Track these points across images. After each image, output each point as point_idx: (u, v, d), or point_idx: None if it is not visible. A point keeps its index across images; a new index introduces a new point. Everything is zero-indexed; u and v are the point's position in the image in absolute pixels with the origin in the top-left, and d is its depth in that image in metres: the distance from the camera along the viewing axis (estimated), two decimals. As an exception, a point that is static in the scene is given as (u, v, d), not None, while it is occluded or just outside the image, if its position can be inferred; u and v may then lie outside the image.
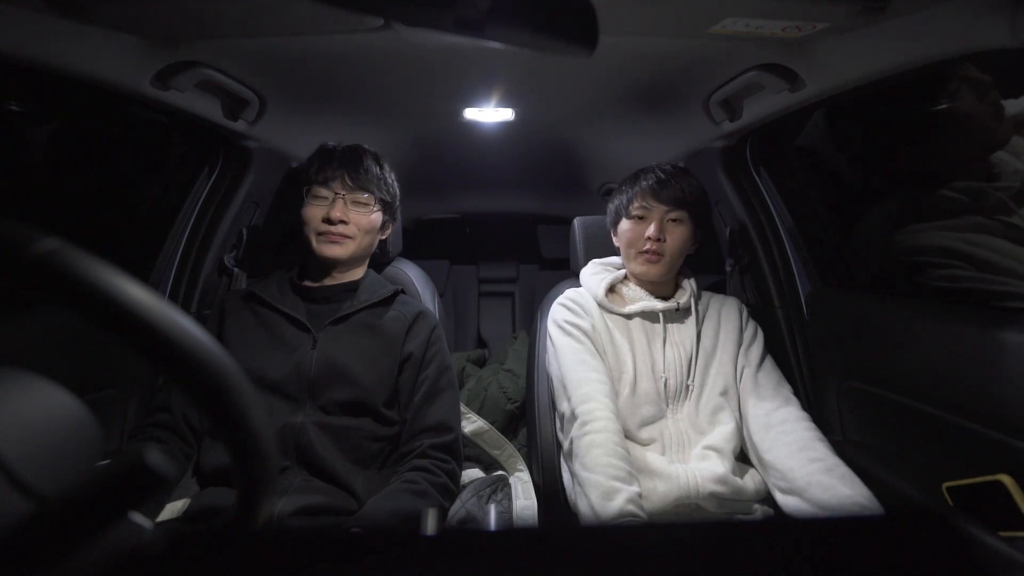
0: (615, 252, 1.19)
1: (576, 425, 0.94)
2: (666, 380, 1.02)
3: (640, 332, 1.07)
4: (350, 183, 1.02)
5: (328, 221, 1.00)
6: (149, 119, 1.26)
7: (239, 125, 1.15)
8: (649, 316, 1.08)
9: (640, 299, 1.09)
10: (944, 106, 0.98)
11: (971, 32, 0.68)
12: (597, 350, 1.04)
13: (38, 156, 1.27)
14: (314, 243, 1.02)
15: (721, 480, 0.92)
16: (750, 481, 0.95)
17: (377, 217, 1.07)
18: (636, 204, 1.08)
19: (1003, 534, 0.71)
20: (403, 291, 1.13)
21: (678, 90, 1.12)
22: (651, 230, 1.04)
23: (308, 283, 1.07)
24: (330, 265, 1.05)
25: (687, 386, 1.03)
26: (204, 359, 0.30)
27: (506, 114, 1.32)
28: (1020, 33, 0.62)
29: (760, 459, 0.96)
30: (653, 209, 1.06)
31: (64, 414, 0.31)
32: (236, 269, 1.29)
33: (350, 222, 1.02)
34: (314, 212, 1.02)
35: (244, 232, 1.31)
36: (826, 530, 0.21)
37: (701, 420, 1.00)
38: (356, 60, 1.00)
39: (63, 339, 0.90)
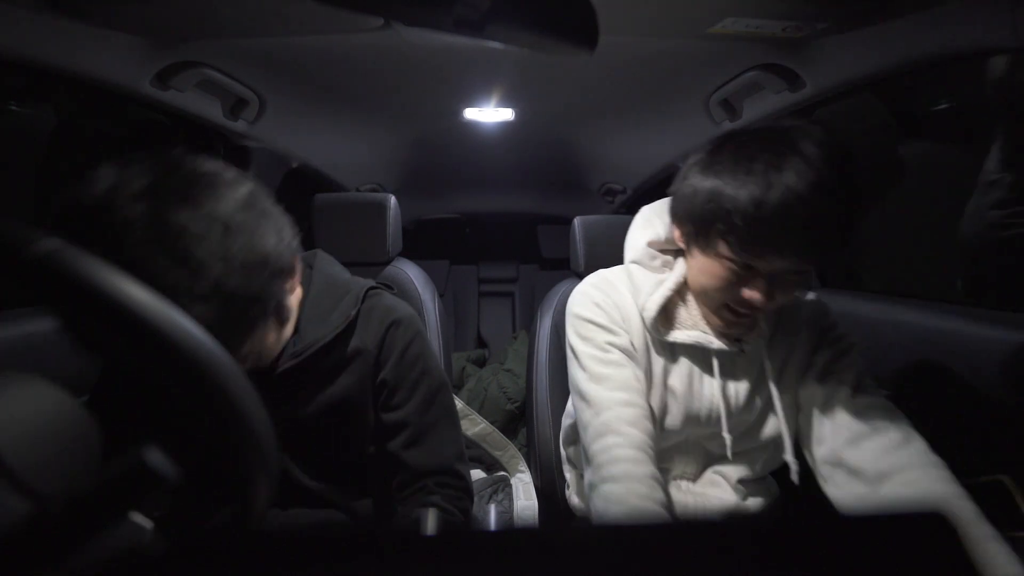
0: (616, 252, 1.02)
1: (593, 467, 0.75)
2: (699, 420, 0.81)
3: (684, 365, 0.80)
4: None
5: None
6: (149, 119, 1.26)
7: (239, 125, 1.15)
8: (700, 351, 0.80)
9: (693, 328, 0.79)
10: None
11: (971, 32, 0.68)
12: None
13: (38, 156, 1.27)
14: None
15: (726, 506, 0.86)
16: (754, 503, 0.92)
17: (266, 326, 0.62)
18: (753, 251, 0.64)
19: (1003, 534, 0.71)
20: (376, 286, 0.83)
21: (678, 90, 1.12)
22: (757, 295, 0.66)
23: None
24: None
25: (724, 437, 0.79)
26: (204, 359, 0.30)
27: (506, 114, 1.32)
28: (1020, 33, 0.62)
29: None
30: (775, 264, 0.64)
31: (64, 414, 0.31)
32: (236, 269, 1.29)
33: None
34: None
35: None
36: (825, 530, 0.21)
37: (727, 458, 0.85)
38: (356, 60, 1.00)
39: (63, 339, 0.90)
